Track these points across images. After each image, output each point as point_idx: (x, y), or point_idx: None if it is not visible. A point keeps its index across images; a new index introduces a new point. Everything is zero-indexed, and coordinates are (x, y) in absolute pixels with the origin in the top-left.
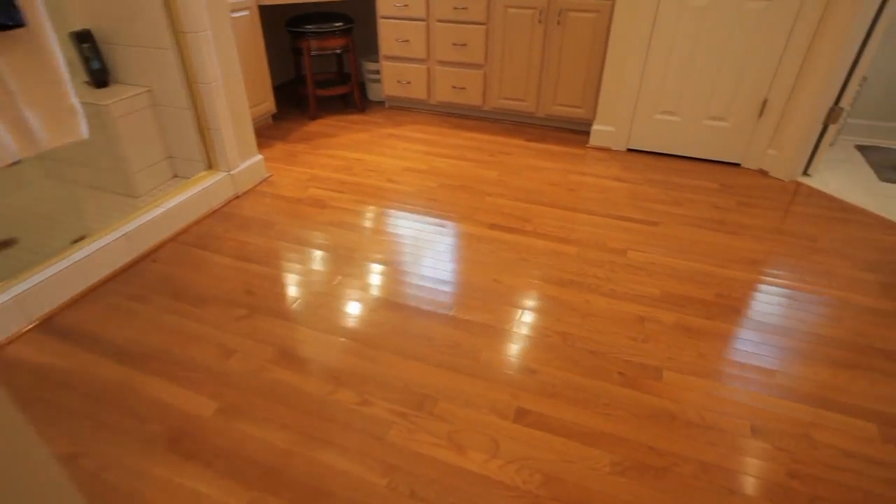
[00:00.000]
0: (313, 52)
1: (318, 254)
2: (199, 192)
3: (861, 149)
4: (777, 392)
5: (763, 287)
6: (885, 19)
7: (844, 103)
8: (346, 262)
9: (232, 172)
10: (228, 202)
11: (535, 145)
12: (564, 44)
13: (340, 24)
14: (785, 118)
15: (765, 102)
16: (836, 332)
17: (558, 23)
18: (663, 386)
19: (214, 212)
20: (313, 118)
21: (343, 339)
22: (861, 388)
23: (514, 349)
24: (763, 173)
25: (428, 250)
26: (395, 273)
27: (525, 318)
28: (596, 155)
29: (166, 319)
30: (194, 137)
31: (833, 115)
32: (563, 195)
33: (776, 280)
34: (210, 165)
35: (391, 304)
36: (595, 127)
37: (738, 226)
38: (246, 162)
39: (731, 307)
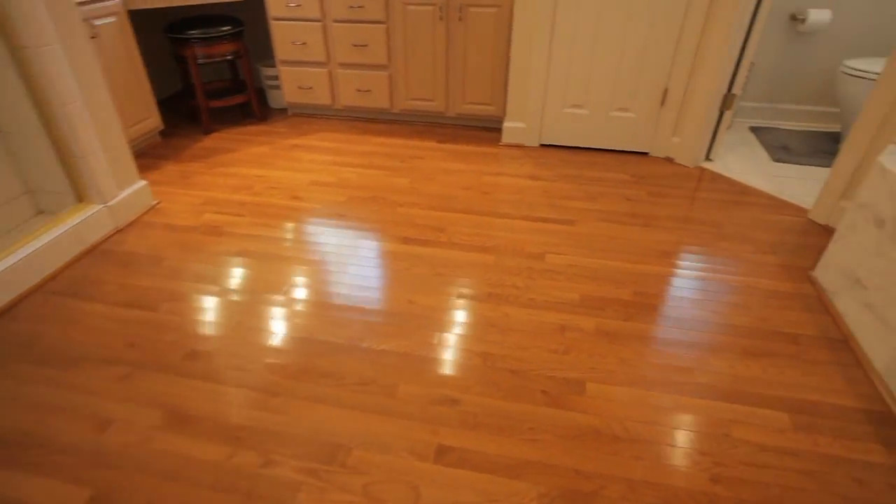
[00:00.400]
0: (200, 60)
1: (213, 290)
2: (68, 229)
3: (754, 130)
4: (696, 391)
5: (676, 280)
6: (764, 8)
7: (736, 89)
8: (246, 298)
9: (109, 203)
10: (107, 238)
11: (447, 146)
12: (468, 40)
13: (228, 28)
14: (685, 107)
15: (665, 92)
16: (745, 319)
17: (460, 19)
18: (587, 400)
19: (90, 251)
20: (208, 132)
21: (243, 390)
22: (772, 377)
23: (432, 378)
24: (670, 161)
25: (337, 275)
26: (299, 305)
27: (443, 341)
28: (510, 153)
29: (27, 392)
30: (56, 167)
31: (727, 101)
32: (477, 199)
33: (687, 272)
34: (81, 198)
35: (297, 342)
36: (506, 124)
37: (650, 217)
38: (126, 190)
39: (648, 305)
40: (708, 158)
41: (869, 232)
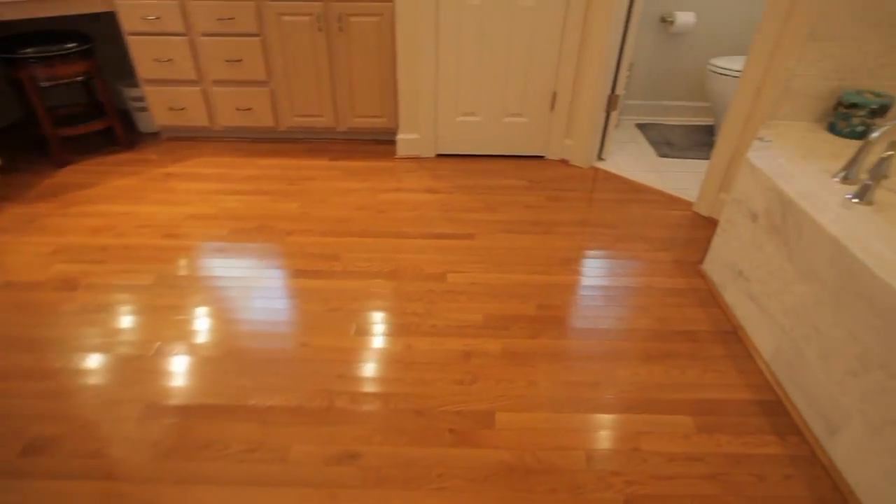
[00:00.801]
0: (43, 83)
1: (61, 362)
2: None
3: (640, 127)
4: (604, 406)
5: (578, 288)
6: (636, 13)
7: (619, 90)
8: (105, 365)
9: None
10: None
11: (340, 164)
12: (352, 51)
13: (74, 45)
14: (574, 109)
15: (554, 96)
16: (645, 321)
17: (340, 29)
18: (497, 433)
19: None
20: (61, 165)
21: (99, 482)
22: (674, 379)
23: (329, 432)
24: (565, 163)
25: (218, 323)
26: (172, 365)
27: (340, 387)
28: (406, 166)
29: None
30: None
31: (612, 102)
32: (374, 220)
33: (589, 278)
34: None
35: (169, 411)
36: (400, 136)
37: (549, 224)
38: None
39: (553, 318)
40: (600, 158)
41: (745, 226)
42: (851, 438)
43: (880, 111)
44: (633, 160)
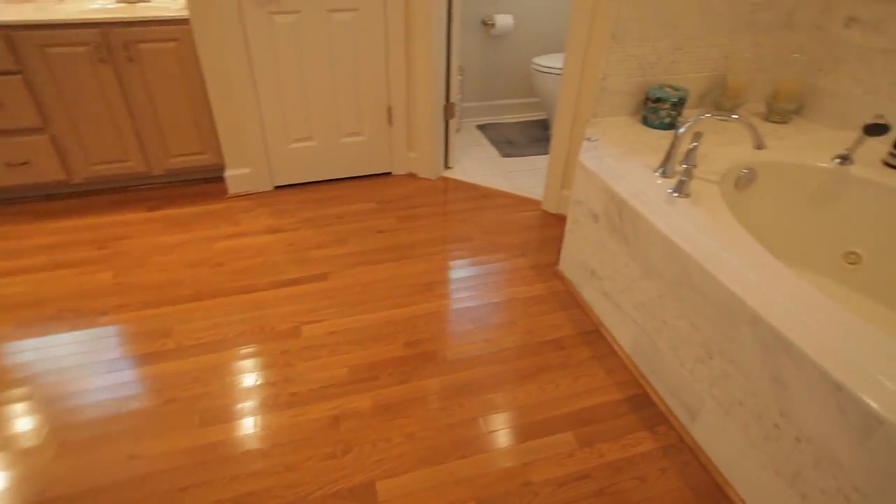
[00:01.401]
0: None
1: None
2: None
3: (481, 128)
4: (487, 445)
5: (444, 314)
6: (456, 19)
7: (454, 97)
8: None
9: None
10: None
11: (161, 214)
12: (149, 83)
13: None
14: (412, 121)
15: (389, 110)
16: (514, 338)
17: (130, 59)
18: None
19: None
20: None
21: None
22: (550, 395)
23: None
24: (413, 177)
25: (13, 460)
26: None
27: (187, 502)
28: (242, 205)
29: None
30: None
31: (448, 110)
32: (210, 277)
33: (453, 301)
34: None
35: None
36: (228, 173)
37: (405, 247)
38: None
39: (423, 354)
40: (447, 167)
41: (590, 226)
42: (708, 421)
43: (680, 103)
44: (479, 164)
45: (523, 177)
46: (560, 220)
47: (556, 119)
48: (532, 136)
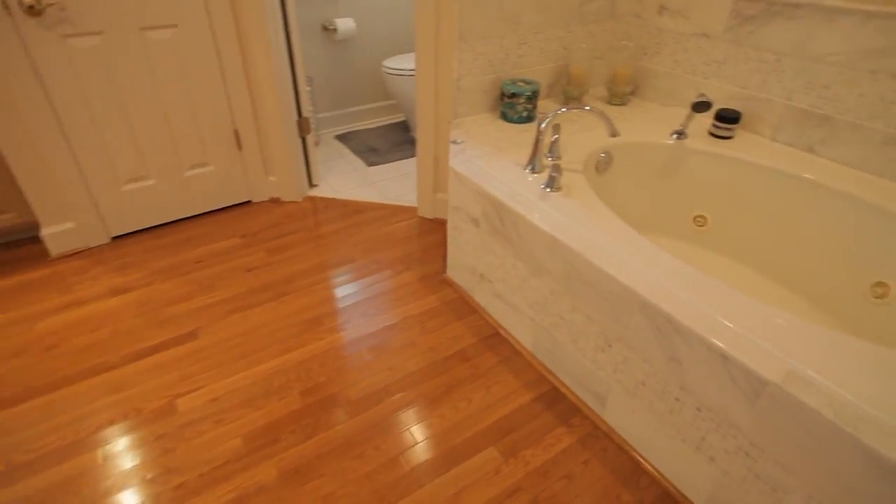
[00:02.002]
0: None
1: None
2: None
3: (341, 138)
4: (413, 483)
5: (339, 350)
6: (293, 21)
7: (306, 110)
8: None
9: None
10: None
11: None
12: None
13: None
14: (264, 142)
15: (236, 133)
16: (417, 360)
17: None
18: None
19: None
20: None
21: None
22: (465, 412)
23: None
24: (276, 202)
25: None
26: None
27: None
28: (73, 266)
29: None
30: None
31: (303, 126)
32: (40, 366)
33: (345, 334)
34: None
35: None
36: (47, 231)
37: (282, 283)
38: None
39: (324, 401)
40: (312, 185)
41: (471, 231)
42: (617, 404)
43: (534, 96)
44: (345, 178)
45: (393, 185)
46: (439, 224)
47: (418, 123)
48: (394, 140)
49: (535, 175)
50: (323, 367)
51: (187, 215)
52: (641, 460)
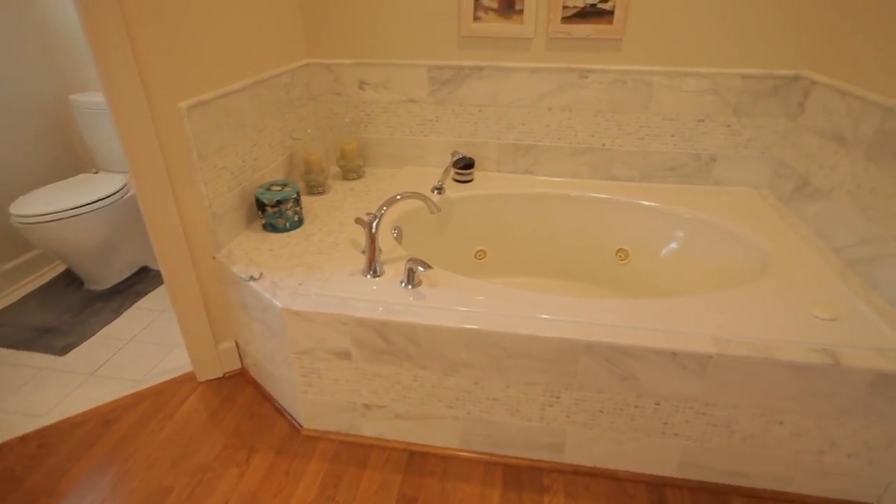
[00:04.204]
0: None
1: None
2: None
3: None
4: None
5: None
6: None
7: None
8: None
9: None
10: None
11: None
12: None
13: None
14: None
15: None
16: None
17: None
18: None
19: None
20: None
21: None
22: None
23: None
24: None
25: None
26: None
27: None
28: None
29: None
30: None
31: None
32: None
33: None
34: None
35: None
36: None
37: None
38: None
39: None
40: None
41: (340, 367)
42: (576, 442)
43: (299, 196)
44: (35, 390)
45: (124, 362)
46: (238, 379)
47: (165, 275)
48: (70, 305)
49: (379, 278)
50: None
51: None
52: (614, 473)
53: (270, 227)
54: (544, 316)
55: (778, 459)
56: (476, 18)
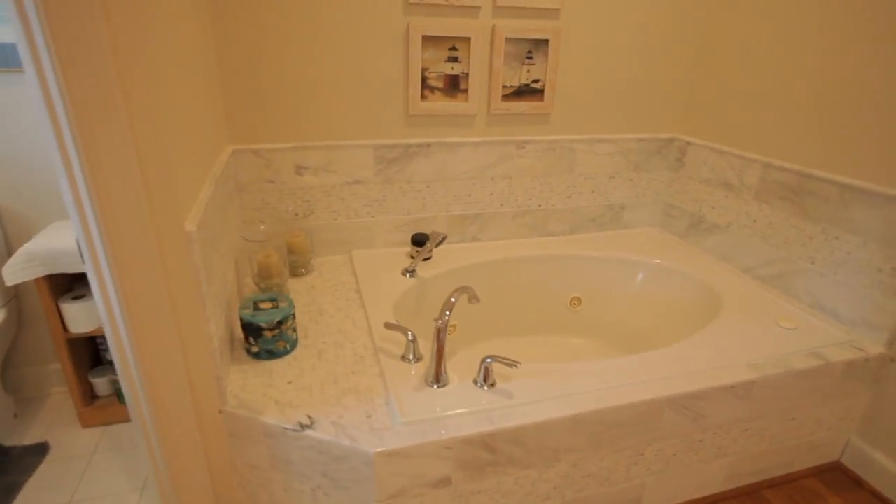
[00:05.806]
0: None
1: None
2: None
3: None
4: None
5: None
6: None
7: None
8: None
9: None
10: None
11: None
12: None
13: None
14: None
15: None
16: None
17: None
18: None
19: None
20: None
21: None
22: None
23: None
24: None
25: None
26: None
27: None
28: None
29: None
30: None
31: None
32: None
33: None
34: None
35: None
36: None
37: None
38: None
39: None
40: None
41: (432, 496)
42: (654, 492)
43: (292, 307)
44: None
45: None
46: None
47: (160, 440)
48: None
49: (446, 387)
50: None
51: None
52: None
53: (266, 355)
54: (626, 382)
55: (788, 449)
56: (423, 97)
